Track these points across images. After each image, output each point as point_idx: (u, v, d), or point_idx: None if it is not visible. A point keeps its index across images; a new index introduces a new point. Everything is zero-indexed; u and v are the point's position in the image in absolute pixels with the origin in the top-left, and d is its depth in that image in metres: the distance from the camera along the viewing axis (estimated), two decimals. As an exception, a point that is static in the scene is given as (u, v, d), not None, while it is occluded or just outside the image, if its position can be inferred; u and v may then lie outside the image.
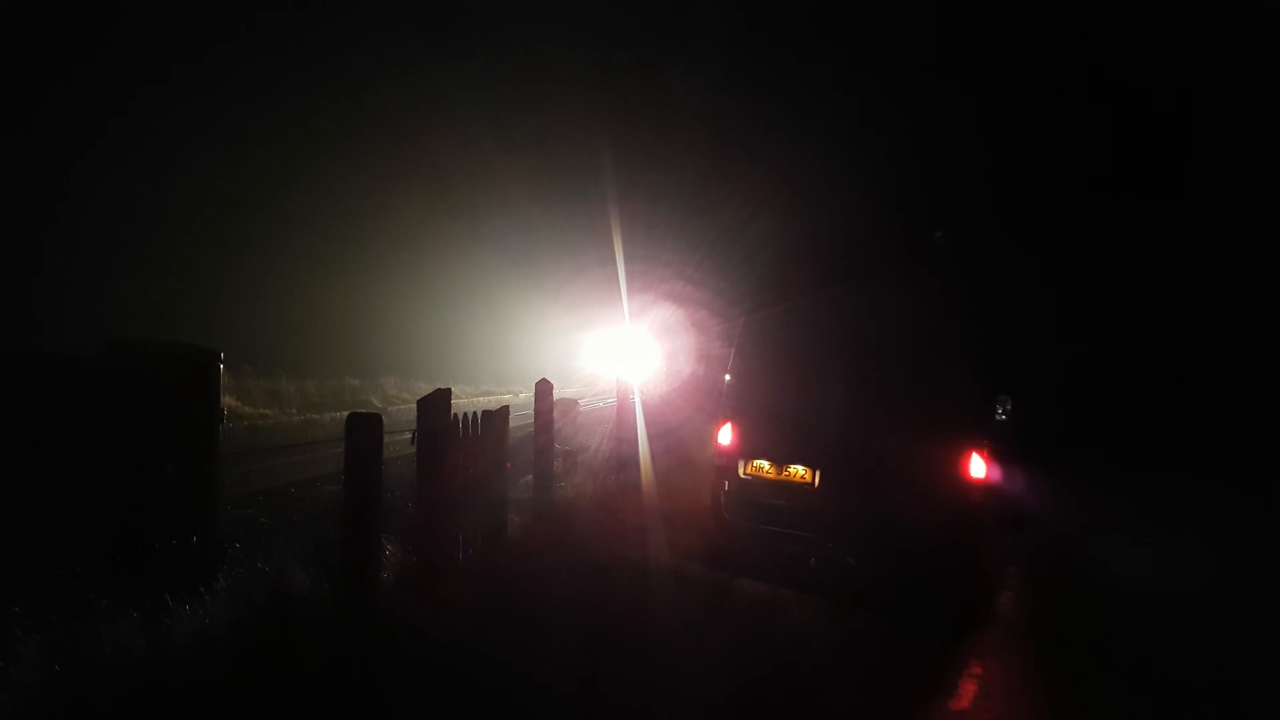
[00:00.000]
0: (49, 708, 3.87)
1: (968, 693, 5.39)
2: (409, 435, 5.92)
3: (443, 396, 6.19)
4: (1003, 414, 7.81)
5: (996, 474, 7.34)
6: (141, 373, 5.53)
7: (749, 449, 8.02)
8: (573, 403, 14.54)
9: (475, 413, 6.76)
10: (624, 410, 11.52)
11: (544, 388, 8.94)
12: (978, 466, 7.14)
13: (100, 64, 24.59)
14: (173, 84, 26.63)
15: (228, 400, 16.26)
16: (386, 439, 5.35)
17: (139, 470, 5.36)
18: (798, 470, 7.73)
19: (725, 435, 8.19)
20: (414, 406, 6.07)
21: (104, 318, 21.44)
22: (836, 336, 7.93)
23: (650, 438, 11.43)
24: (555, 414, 9.53)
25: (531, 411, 9.02)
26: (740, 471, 8.02)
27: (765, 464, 7.90)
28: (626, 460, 10.79)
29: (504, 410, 7.53)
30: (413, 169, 33.61)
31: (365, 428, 5.21)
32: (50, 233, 23.05)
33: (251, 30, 28.86)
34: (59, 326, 17.83)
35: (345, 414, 5.37)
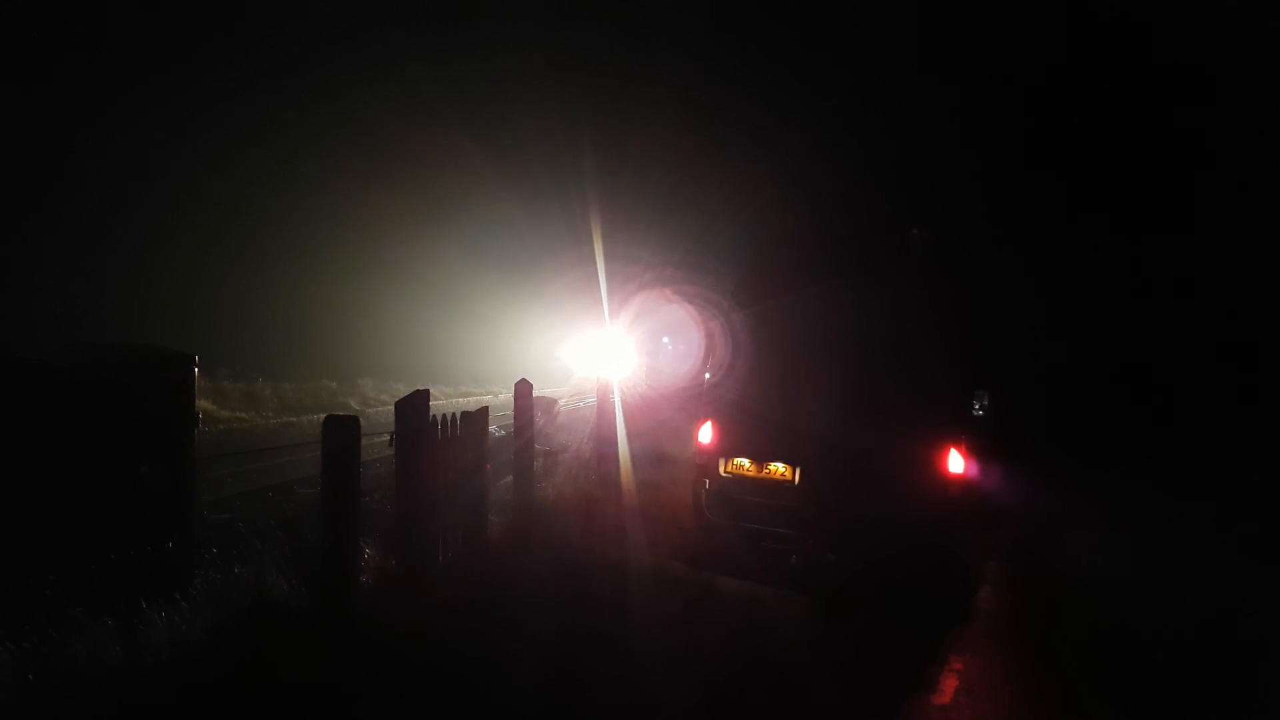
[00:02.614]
0: (23, 719, 3.81)
1: (949, 688, 5.41)
2: (387, 437, 5.88)
3: (421, 398, 6.16)
4: (980, 410, 7.86)
5: (975, 469, 7.38)
6: (115, 376, 5.46)
7: (729, 447, 8.02)
8: (553, 402, 14.52)
9: (454, 414, 6.72)
10: (604, 409, 11.50)
11: (523, 388, 8.91)
12: (956, 462, 7.18)
13: (74, 69, 24.32)
14: (146, 87, 26.36)
15: (203, 403, 16.13)
16: (365, 441, 5.31)
17: (113, 475, 5.29)
18: (778, 468, 7.75)
19: (706, 434, 8.20)
20: (392, 408, 6.03)
21: (77, 321, 21.21)
22: (816, 334, 7.95)
23: (630, 436, 11.41)
24: (535, 414, 9.51)
25: (511, 412, 8.98)
26: (721, 470, 8.02)
27: (746, 462, 7.91)
28: (607, 459, 10.78)
29: (483, 411, 7.50)
30: (390, 169, 33.48)
31: (342, 431, 5.18)
32: (21, 236, 22.76)
33: (229, 32, 28.63)
34: (30, 330, 17.60)
35: (322, 416, 5.33)
